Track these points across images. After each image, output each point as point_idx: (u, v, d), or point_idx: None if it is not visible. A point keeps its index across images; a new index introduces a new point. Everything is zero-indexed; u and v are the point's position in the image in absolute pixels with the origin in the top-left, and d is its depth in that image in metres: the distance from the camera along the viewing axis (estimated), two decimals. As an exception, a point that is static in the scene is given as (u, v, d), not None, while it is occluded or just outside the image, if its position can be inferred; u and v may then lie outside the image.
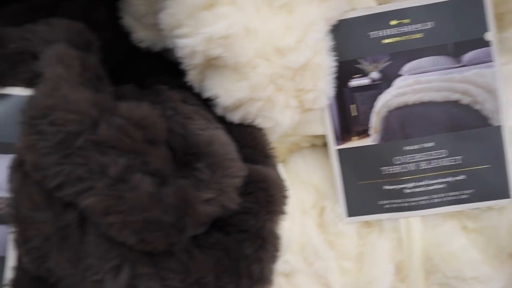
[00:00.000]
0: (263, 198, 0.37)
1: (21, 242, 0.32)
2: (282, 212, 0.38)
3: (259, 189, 0.38)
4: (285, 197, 0.39)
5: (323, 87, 0.43)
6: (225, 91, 0.40)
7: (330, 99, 0.44)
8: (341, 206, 0.46)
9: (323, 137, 0.47)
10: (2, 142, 0.37)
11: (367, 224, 0.47)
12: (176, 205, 0.31)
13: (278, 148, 0.47)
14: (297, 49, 0.40)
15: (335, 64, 0.43)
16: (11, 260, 0.35)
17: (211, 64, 0.40)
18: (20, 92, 0.37)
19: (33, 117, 0.32)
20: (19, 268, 0.34)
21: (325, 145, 0.48)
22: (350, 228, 0.46)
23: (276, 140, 0.45)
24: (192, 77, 0.42)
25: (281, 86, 0.41)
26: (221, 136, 0.38)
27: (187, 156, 0.36)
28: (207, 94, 0.42)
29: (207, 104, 0.42)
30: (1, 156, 0.36)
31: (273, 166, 0.42)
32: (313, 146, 0.49)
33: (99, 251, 0.30)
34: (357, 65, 0.44)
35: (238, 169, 0.36)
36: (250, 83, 0.40)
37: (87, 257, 0.30)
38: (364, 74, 0.44)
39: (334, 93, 0.44)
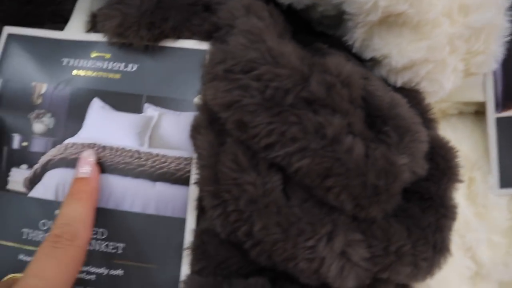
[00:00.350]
0: (443, 165, 0.35)
1: (215, 205, 0.31)
2: (459, 180, 0.36)
3: (438, 155, 0.36)
4: (459, 163, 0.37)
5: (494, 50, 0.41)
6: (399, 51, 0.38)
7: (498, 63, 0.41)
8: (494, 176, 0.44)
9: (475, 104, 0.45)
10: (175, 98, 0.34)
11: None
12: (387, 170, 0.29)
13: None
14: (483, 7, 0.37)
15: (509, 25, 0.41)
16: (191, 222, 0.33)
17: (387, 21, 0.38)
18: (194, 45, 0.35)
19: (232, 71, 0.30)
20: (204, 231, 0.33)
21: (476, 112, 0.46)
22: (502, 200, 0.44)
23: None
24: (357, 35, 0.40)
25: (455, 47, 0.39)
26: (400, 98, 0.36)
27: (370, 118, 0.34)
28: (372, 54, 0.39)
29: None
30: (177, 114, 0.34)
31: (437, 130, 0.40)
32: (461, 113, 0.47)
33: (311, 216, 0.29)
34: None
35: (425, 134, 0.34)
36: (429, 43, 0.37)
37: (297, 222, 0.29)
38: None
39: (502, 57, 0.41)
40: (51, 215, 0.34)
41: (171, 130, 0.34)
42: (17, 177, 0.35)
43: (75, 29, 0.37)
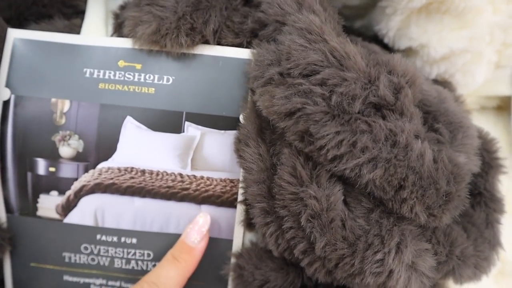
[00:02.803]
0: (487, 158, 0.35)
1: (268, 222, 0.29)
2: (504, 172, 0.35)
3: (483, 149, 0.35)
4: (500, 155, 0.37)
5: (527, 42, 0.40)
6: (439, 40, 0.36)
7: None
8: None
9: (497, 98, 0.45)
10: (218, 115, 0.32)
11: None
12: (455, 173, 0.28)
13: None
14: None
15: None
16: (238, 244, 0.32)
17: (429, 8, 0.36)
18: (236, 53, 0.32)
19: (289, 75, 0.28)
20: (238, 256, 0.32)
21: (498, 108, 0.46)
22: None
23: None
24: (393, 23, 0.38)
25: (493, 38, 0.38)
26: (446, 91, 0.35)
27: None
28: (408, 43, 0.38)
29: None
30: (221, 133, 0.32)
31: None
32: (483, 108, 0.46)
33: (378, 228, 0.27)
34: None
35: (475, 128, 0.33)
36: (471, 32, 0.36)
37: (364, 235, 0.27)
38: None
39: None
40: (94, 239, 0.33)
41: (215, 150, 0.32)
42: (47, 204, 0.33)
43: (94, 32, 0.32)
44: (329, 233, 0.27)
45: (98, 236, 0.33)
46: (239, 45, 0.31)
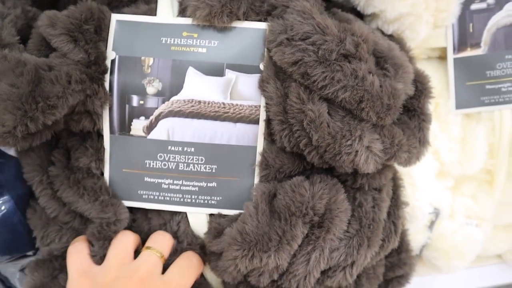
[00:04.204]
0: (420, 87, 0.50)
1: (284, 128, 0.44)
2: (432, 96, 0.51)
3: (417, 81, 0.51)
4: (431, 85, 0.52)
5: (453, 9, 0.56)
6: (392, 7, 0.52)
7: (455, 18, 0.57)
8: (451, 101, 0.61)
9: (438, 50, 0.61)
10: (246, 64, 0.46)
11: (468, 115, 0.62)
12: (393, 93, 0.44)
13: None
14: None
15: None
16: (260, 148, 0.47)
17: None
18: (257, 25, 0.46)
19: (293, 39, 0.43)
20: (264, 151, 0.46)
21: (439, 57, 0.61)
22: (457, 118, 0.61)
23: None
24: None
25: (428, 5, 0.54)
26: (393, 44, 0.51)
27: (376, 59, 0.48)
28: (373, 9, 0.53)
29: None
30: (248, 76, 0.46)
31: (416, 64, 0.55)
32: (429, 58, 0.63)
33: (348, 126, 0.44)
34: (478, -8, 0.57)
35: (411, 67, 0.49)
36: (412, 1, 0.52)
37: (340, 130, 0.44)
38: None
39: (458, 14, 0.57)
40: (166, 149, 0.46)
41: (245, 87, 0.45)
42: (137, 125, 0.46)
43: (165, 13, 0.46)
44: (320, 130, 0.43)
45: (169, 147, 0.46)
46: (259, 21, 0.46)
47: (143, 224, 0.50)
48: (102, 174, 0.48)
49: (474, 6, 0.57)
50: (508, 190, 0.63)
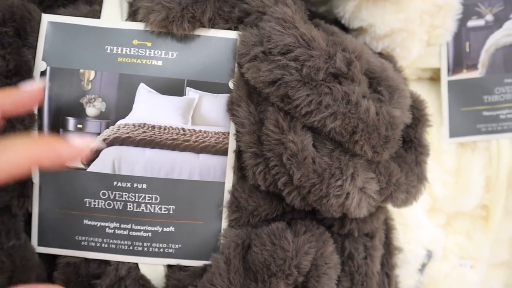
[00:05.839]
0: (417, 114, 0.45)
1: (258, 162, 0.37)
2: (429, 125, 0.46)
3: (413, 106, 0.44)
4: (428, 112, 0.46)
5: (449, 25, 0.51)
6: (382, 21, 0.46)
7: (451, 36, 0.51)
8: (445, 128, 0.54)
9: (430, 70, 0.55)
10: (212, 82, 0.39)
11: (463, 144, 0.56)
12: (391, 123, 0.37)
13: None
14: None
15: (460, 6, 0.50)
16: (229, 184, 0.39)
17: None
18: (225, 34, 0.39)
19: (271, 53, 0.36)
20: (234, 189, 0.39)
21: (431, 78, 0.55)
22: (451, 147, 0.55)
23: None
24: (348, 8, 0.47)
25: (422, 21, 0.48)
26: (387, 62, 0.44)
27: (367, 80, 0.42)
28: (360, 23, 0.47)
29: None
30: (214, 96, 0.39)
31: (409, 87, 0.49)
32: (419, 79, 0.56)
33: (338, 163, 0.36)
34: (476, 8, 0.51)
35: (408, 91, 0.43)
36: (406, 15, 0.46)
37: (329, 168, 0.36)
38: (480, 16, 0.51)
39: (454, 31, 0.51)
40: (111, 186, 0.39)
41: (210, 109, 0.39)
42: None
43: (112, 17, 0.39)
44: (303, 167, 0.35)
45: (115, 183, 0.39)
46: (229, 29, 0.39)
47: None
48: (28, 214, 0.40)
49: (471, 23, 0.51)
50: (505, 227, 0.58)
